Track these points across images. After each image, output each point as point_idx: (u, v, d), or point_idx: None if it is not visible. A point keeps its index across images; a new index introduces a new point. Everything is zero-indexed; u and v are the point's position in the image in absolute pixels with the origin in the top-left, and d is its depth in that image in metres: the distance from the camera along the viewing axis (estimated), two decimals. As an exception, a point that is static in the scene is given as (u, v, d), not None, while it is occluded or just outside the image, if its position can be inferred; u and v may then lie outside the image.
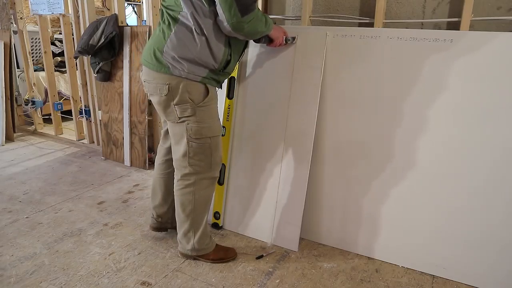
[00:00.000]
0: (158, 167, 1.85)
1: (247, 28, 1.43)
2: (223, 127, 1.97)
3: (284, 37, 1.74)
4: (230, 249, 1.81)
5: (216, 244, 1.79)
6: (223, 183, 2.01)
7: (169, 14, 1.48)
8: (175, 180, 1.69)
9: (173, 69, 1.48)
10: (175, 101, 1.52)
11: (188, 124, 1.56)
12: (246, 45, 1.67)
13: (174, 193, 1.70)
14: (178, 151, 1.63)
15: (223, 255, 1.77)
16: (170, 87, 1.50)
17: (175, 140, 1.63)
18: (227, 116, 1.97)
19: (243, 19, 1.39)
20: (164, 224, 1.93)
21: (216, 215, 2.06)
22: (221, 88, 1.72)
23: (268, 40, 1.70)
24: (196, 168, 1.62)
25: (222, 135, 1.97)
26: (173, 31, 1.47)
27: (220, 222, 2.05)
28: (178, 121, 1.56)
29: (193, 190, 1.64)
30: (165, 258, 1.79)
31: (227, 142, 1.98)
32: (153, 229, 1.93)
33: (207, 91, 1.55)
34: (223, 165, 1.99)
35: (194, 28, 1.44)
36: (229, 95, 1.95)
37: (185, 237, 1.72)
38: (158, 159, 1.85)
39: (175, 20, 1.47)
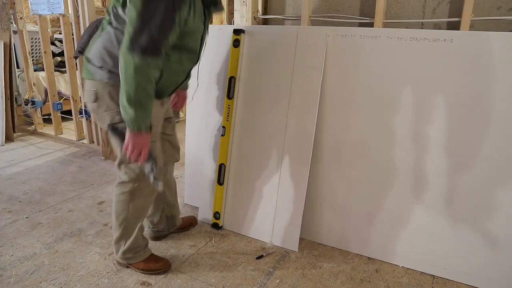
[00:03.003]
0: None
1: (134, 74, 1.22)
2: (223, 127, 1.96)
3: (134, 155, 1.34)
4: (163, 261, 1.71)
5: (151, 254, 1.71)
6: (223, 183, 2.01)
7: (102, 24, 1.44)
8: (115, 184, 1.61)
9: (96, 75, 1.41)
10: (103, 108, 1.43)
11: (122, 130, 1.41)
12: (187, 75, 1.55)
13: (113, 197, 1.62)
14: (116, 158, 1.53)
15: (153, 266, 1.67)
16: (96, 93, 1.42)
17: (114, 147, 1.53)
18: (227, 116, 1.97)
19: (141, 58, 1.21)
20: (162, 231, 1.93)
21: (216, 215, 2.06)
22: (164, 97, 1.51)
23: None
24: (132, 175, 1.52)
25: (222, 135, 1.97)
26: (100, 38, 1.42)
27: (220, 222, 2.05)
28: (110, 128, 1.45)
29: (128, 199, 1.56)
30: (165, 257, 1.79)
31: (227, 142, 1.98)
32: (153, 239, 1.91)
33: None
34: (223, 165, 1.99)
35: (115, 32, 1.37)
36: (229, 95, 1.95)
37: (116, 244, 1.65)
38: None
39: (102, 28, 1.43)
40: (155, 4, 1.22)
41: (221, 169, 2.00)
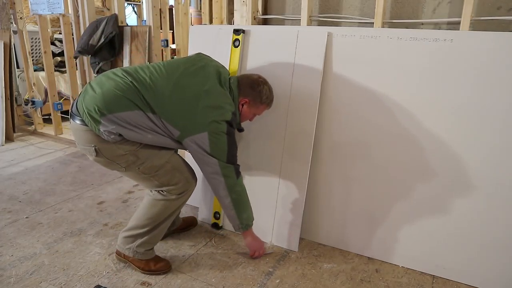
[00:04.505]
0: None
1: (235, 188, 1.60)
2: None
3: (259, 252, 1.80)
4: (163, 262, 1.71)
5: (155, 256, 1.72)
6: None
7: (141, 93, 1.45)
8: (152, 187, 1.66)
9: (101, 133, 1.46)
10: (110, 158, 1.52)
11: (139, 168, 1.55)
12: None
13: (146, 198, 1.66)
14: (151, 186, 1.63)
15: (153, 267, 1.68)
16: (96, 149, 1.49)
17: (137, 181, 1.67)
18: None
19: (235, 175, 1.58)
20: None
21: (216, 215, 2.06)
22: None
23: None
24: (178, 191, 1.62)
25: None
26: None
27: (220, 222, 2.05)
28: (126, 170, 1.56)
29: (168, 206, 1.63)
30: (165, 258, 1.78)
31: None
32: None
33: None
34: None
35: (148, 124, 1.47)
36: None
37: (130, 238, 1.66)
38: None
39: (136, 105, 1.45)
40: (234, 147, 1.58)
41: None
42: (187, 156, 2.03)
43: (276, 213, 1.92)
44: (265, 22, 2.44)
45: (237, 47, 1.92)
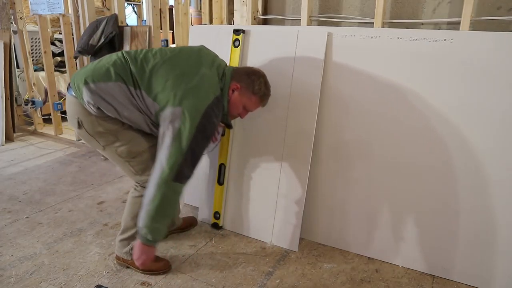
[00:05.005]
0: None
1: (163, 195, 1.39)
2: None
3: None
4: (163, 262, 1.72)
5: (155, 256, 1.67)
6: (223, 183, 2.01)
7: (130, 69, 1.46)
8: (132, 185, 1.67)
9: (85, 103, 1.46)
10: (91, 132, 1.52)
11: (117, 150, 1.54)
12: None
13: (128, 199, 1.67)
14: (125, 172, 1.62)
15: (153, 267, 1.67)
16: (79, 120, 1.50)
17: (113, 162, 1.63)
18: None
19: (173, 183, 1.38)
20: None
21: (216, 215, 2.06)
22: None
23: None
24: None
25: (222, 135, 1.97)
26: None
27: (220, 222, 2.05)
28: (104, 149, 1.56)
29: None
30: (165, 258, 1.79)
31: (227, 142, 1.98)
32: None
33: (123, 122, 1.51)
34: (223, 165, 1.99)
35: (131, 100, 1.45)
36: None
37: (124, 241, 1.68)
38: None
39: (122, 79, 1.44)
40: (204, 142, 1.44)
41: (221, 169, 2.00)
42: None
43: (276, 213, 1.92)
44: (265, 22, 2.44)
45: (237, 47, 1.92)
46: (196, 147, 1.40)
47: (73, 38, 3.32)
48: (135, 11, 5.51)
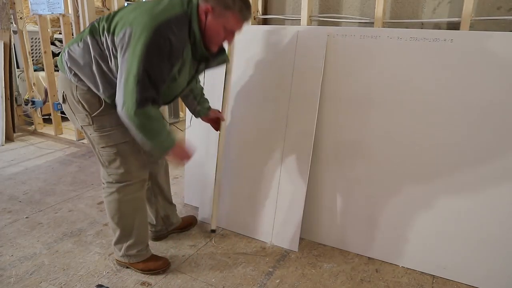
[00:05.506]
0: None
1: (139, 125, 1.33)
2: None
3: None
4: (162, 260, 1.72)
5: (152, 255, 1.72)
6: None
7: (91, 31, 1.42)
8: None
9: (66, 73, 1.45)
10: (72, 107, 1.49)
11: (90, 134, 1.52)
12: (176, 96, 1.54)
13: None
14: (97, 160, 1.60)
15: (153, 266, 1.68)
16: (64, 94, 1.49)
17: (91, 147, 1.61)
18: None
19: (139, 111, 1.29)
20: (160, 232, 1.93)
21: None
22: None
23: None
24: (115, 177, 1.55)
25: (217, 130, 1.95)
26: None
27: (212, 226, 2.01)
28: (82, 129, 1.54)
29: (117, 198, 1.57)
30: (164, 257, 1.79)
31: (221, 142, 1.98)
32: (153, 239, 1.91)
33: (100, 104, 1.46)
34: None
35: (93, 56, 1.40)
36: (229, 95, 1.95)
37: (117, 245, 1.67)
38: None
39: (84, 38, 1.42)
40: (160, 61, 1.30)
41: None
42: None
43: (276, 213, 1.92)
44: (265, 22, 2.44)
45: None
46: (150, 68, 1.27)
47: (73, 38, 3.32)
48: (135, 11, 5.50)
